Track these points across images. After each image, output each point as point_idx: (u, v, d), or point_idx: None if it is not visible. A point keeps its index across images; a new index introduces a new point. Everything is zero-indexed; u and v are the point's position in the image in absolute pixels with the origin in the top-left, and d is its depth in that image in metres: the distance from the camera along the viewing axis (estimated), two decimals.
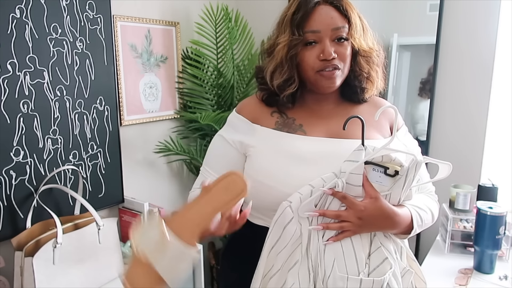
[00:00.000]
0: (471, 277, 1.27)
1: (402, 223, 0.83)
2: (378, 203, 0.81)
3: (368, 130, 0.88)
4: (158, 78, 1.91)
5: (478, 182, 1.55)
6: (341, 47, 0.86)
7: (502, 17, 1.60)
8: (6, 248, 1.37)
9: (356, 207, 0.80)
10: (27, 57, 1.38)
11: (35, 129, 1.43)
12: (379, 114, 0.77)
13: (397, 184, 0.82)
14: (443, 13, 1.68)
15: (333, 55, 0.85)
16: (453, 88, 1.73)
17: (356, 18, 0.87)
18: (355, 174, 0.80)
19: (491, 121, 1.67)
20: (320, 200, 0.81)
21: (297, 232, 0.81)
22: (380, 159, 0.80)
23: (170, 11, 1.91)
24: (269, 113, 0.94)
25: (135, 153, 1.86)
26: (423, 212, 0.89)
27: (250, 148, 0.91)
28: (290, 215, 0.80)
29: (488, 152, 1.69)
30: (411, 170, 0.80)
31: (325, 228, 0.81)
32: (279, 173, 0.85)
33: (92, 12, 1.55)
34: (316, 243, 0.81)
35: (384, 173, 0.81)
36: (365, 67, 0.90)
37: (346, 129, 0.82)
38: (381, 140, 0.91)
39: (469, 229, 1.42)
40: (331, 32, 0.85)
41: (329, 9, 0.86)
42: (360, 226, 0.81)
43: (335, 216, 0.80)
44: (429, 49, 1.75)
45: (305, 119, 0.92)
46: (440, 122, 1.77)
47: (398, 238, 0.88)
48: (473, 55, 1.66)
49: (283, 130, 0.90)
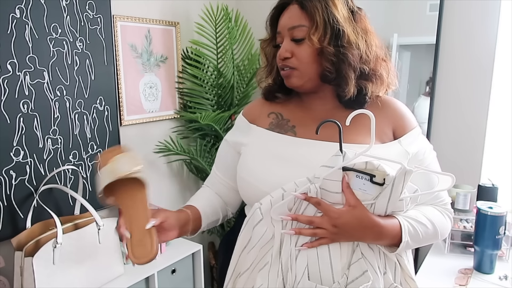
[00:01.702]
0: (471, 277, 1.27)
1: (386, 234, 0.79)
2: (356, 212, 0.77)
3: (364, 135, 0.84)
4: (158, 78, 1.91)
5: (478, 182, 1.55)
6: (298, 47, 0.84)
7: (502, 17, 1.60)
8: (6, 248, 1.37)
9: (331, 214, 0.77)
10: (27, 57, 1.38)
11: (35, 129, 1.43)
12: (350, 119, 0.72)
13: (383, 193, 0.77)
14: (443, 13, 1.68)
15: (285, 55, 0.85)
16: (453, 88, 1.73)
17: (319, 16, 0.82)
18: (331, 180, 0.76)
19: (491, 121, 1.67)
20: (295, 204, 0.79)
21: (267, 234, 0.80)
22: (363, 166, 0.76)
23: (170, 11, 1.91)
24: (267, 114, 0.95)
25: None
26: (420, 225, 0.83)
27: (243, 147, 0.93)
28: (259, 217, 0.80)
29: (488, 152, 1.69)
30: (399, 179, 0.74)
31: (298, 233, 0.78)
32: (260, 171, 0.85)
33: (92, 12, 1.55)
34: (289, 247, 0.79)
35: (370, 180, 0.77)
36: (329, 67, 0.84)
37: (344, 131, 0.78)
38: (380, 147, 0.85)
39: (469, 229, 1.42)
40: (287, 32, 0.85)
41: (295, 8, 0.85)
42: (336, 234, 0.77)
43: (308, 222, 0.78)
44: (429, 49, 1.75)
45: (300, 120, 0.91)
46: (440, 122, 1.77)
47: (388, 251, 0.82)
48: (473, 55, 1.66)
49: (275, 131, 0.90)
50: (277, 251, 0.80)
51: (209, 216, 0.97)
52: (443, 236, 0.90)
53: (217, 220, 1.00)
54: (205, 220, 0.95)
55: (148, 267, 1.66)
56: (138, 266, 0.82)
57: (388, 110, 0.90)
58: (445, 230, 0.90)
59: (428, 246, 1.54)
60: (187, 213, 0.91)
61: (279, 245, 0.80)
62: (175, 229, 0.86)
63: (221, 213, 1.01)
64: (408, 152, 0.86)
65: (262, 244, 0.81)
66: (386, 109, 0.90)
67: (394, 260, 0.83)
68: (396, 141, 0.86)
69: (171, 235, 0.86)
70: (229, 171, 0.98)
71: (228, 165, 0.98)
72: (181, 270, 1.76)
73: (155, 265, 1.67)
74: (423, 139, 0.91)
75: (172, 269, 1.72)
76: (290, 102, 0.95)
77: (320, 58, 0.84)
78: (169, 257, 1.71)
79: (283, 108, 0.94)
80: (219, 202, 1.01)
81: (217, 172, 1.02)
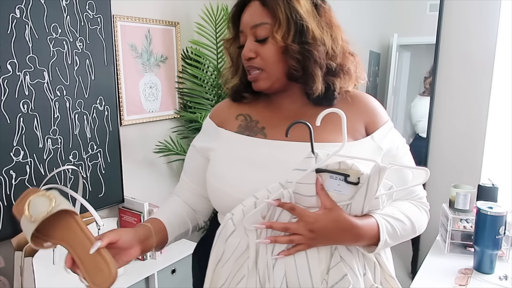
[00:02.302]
0: (471, 277, 1.27)
1: (364, 235, 0.76)
2: (333, 214, 0.74)
3: (336, 133, 0.80)
4: (158, 78, 1.91)
5: (478, 182, 1.55)
6: (262, 46, 0.81)
7: (502, 17, 1.60)
8: (6, 248, 1.37)
9: (307, 219, 0.73)
10: (27, 57, 1.38)
11: (35, 129, 1.43)
12: (320, 119, 0.69)
13: (359, 193, 0.74)
14: (443, 13, 1.68)
15: (249, 55, 0.81)
16: (453, 88, 1.73)
17: (281, 13, 0.78)
18: (305, 184, 0.73)
19: (491, 121, 1.67)
20: (269, 211, 0.75)
21: (241, 245, 0.77)
22: (337, 166, 0.73)
23: (170, 11, 1.91)
24: (235, 116, 0.91)
25: (135, 153, 1.86)
26: (397, 222, 0.81)
27: (211, 152, 0.89)
28: (232, 228, 0.77)
29: (488, 152, 1.69)
30: (373, 177, 0.72)
31: (273, 241, 0.74)
32: (232, 177, 0.81)
33: (92, 12, 1.55)
34: (265, 257, 0.75)
35: (345, 180, 0.74)
36: (295, 65, 0.80)
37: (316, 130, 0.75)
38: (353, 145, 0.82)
39: (469, 229, 1.42)
40: (250, 30, 0.81)
41: (256, 5, 0.81)
42: (313, 239, 0.74)
43: (283, 229, 0.74)
44: (429, 49, 1.75)
45: (269, 120, 0.87)
46: (440, 122, 1.77)
47: (367, 251, 0.80)
48: (473, 55, 1.66)
49: (244, 134, 0.86)
50: (253, 262, 0.76)
51: (175, 228, 0.91)
52: (421, 231, 0.88)
53: (186, 231, 0.95)
54: (172, 232, 0.89)
55: (148, 267, 1.66)
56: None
57: (359, 105, 0.87)
58: (422, 224, 0.88)
59: (428, 246, 1.54)
60: (147, 226, 0.85)
61: (254, 256, 0.76)
62: (135, 246, 0.80)
63: (191, 223, 0.95)
64: (381, 148, 0.84)
65: (236, 256, 0.77)
66: (357, 104, 0.87)
67: (373, 260, 0.81)
68: (369, 137, 0.84)
69: (132, 253, 0.80)
70: (198, 178, 0.93)
71: (197, 172, 0.93)
72: (181, 270, 1.76)
73: (155, 265, 1.67)
74: (395, 133, 0.89)
75: (172, 269, 1.72)
76: (258, 102, 0.91)
77: (285, 57, 0.80)
78: (169, 257, 1.71)
79: (251, 109, 0.90)
80: (187, 212, 0.95)
81: (186, 179, 0.96)
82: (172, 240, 0.91)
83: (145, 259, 1.71)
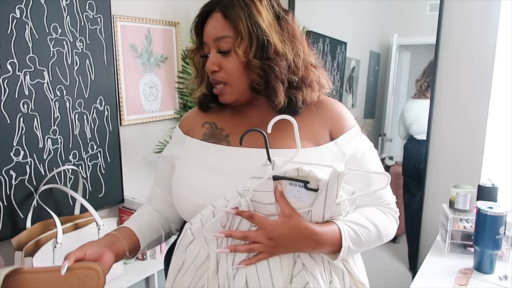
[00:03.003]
0: (471, 277, 1.27)
1: (325, 241, 0.75)
2: (292, 222, 0.73)
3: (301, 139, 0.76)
4: (158, 78, 1.91)
5: (478, 182, 1.55)
6: (225, 59, 0.81)
7: (502, 17, 1.60)
8: (6, 248, 1.37)
9: (265, 227, 0.73)
10: (27, 57, 1.38)
11: (35, 129, 1.43)
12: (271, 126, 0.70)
13: (318, 199, 0.73)
14: (443, 13, 1.68)
15: (212, 68, 0.81)
16: (453, 88, 1.73)
17: (243, 27, 0.78)
18: (263, 192, 0.73)
19: (491, 121, 1.67)
20: (229, 220, 0.75)
21: (201, 254, 0.76)
22: (295, 173, 0.73)
23: (170, 11, 1.91)
24: (201, 124, 0.91)
25: (135, 153, 1.86)
26: (361, 228, 0.80)
27: (176, 160, 0.90)
28: (190, 238, 0.77)
29: (488, 152, 1.69)
30: (332, 183, 0.71)
31: (233, 250, 0.74)
32: (195, 184, 0.81)
33: (92, 12, 1.55)
34: (225, 266, 0.75)
35: (305, 187, 0.73)
36: (257, 79, 0.81)
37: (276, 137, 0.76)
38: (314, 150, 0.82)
39: (469, 229, 1.42)
40: (213, 43, 0.81)
41: (218, 17, 0.80)
42: (273, 247, 0.73)
43: (242, 237, 0.74)
44: (429, 49, 1.75)
45: (233, 128, 0.88)
46: (440, 122, 1.77)
47: (331, 258, 0.79)
48: (473, 55, 1.66)
49: (209, 141, 0.87)
50: (213, 271, 0.76)
51: (147, 235, 0.91)
52: (389, 237, 0.86)
53: (159, 237, 0.95)
54: (143, 239, 0.89)
55: (148, 267, 1.66)
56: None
57: (324, 111, 0.87)
58: (389, 230, 0.86)
59: (428, 246, 1.54)
60: (112, 233, 0.86)
61: (215, 266, 0.76)
62: (105, 253, 0.79)
63: (163, 230, 0.95)
64: (344, 153, 0.83)
65: (196, 266, 0.77)
66: (322, 110, 0.87)
67: (341, 267, 0.80)
68: (332, 142, 0.84)
69: (107, 260, 0.78)
70: (167, 187, 0.92)
71: (166, 180, 0.92)
72: None
73: (155, 265, 1.67)
74: (361, 138, 0.88)
75: None
76: (225, 111, 0.92)
77: (248, 71, 0.81)
78: None
79: (218, 117, 0.91)
80: (158, 219, 0.95)
81: (156, 188, 0.97)
82: (145, 246, 0.91)
83: (145, 259, 1.71)
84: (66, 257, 0.75)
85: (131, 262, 1.66)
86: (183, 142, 0.91)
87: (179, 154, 0.90)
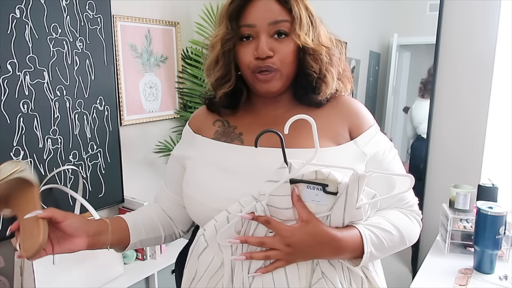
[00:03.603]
0: (471, 277, 1.27)
1: (346, 247, 0.71)
2: (310, 227, 0.69)
3: (320, 138, 0.72)
4: (158, 78, 1.91)
5: (478, 182, 1.55)
6: (280, 44, 0.75)
7: (502, 17, 1.60)
8: (6, 248, 1.37)
9: (283, 233, 0.68)
10: (27, 57, 1.38)
11: (35, 129, 1.43)
12: (288, 127, 0.65)
13: (338, 203, 0.69)
14: (443, 13, 1.68)
15: (268, 53, 0.74)
16: (453, 88, 1.72)
17: (301, 11, 0.75)
18: (279, 196, 0.69)
19: (491, 121, 1.67)
20: (244, 225, 0.71)
21: (215, 262, 0.73)
22: (313, 176, 0.69)
23: (170, 11, 1.91)
24: (212, 122, 0.86)
25: (135, 153, 1.86)
26: (384, 232, 0.75)
27: (187, 160, 0.85)
28: (204, 245, 0.73)
29: (488, 152, 1.69)
30: (352, 187, 0.67)
31: (249, 258, 0.70)
32: (207, 186, 0.77)
33: (92, 12, 1.55)
34: (241, 274, 0.71)
35: (323, 190, 0.69)
36: (314, 66, 0.77)
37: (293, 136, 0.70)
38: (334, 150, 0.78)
39: (469, 229, 1.42)
40: (268, 26, 0.74)
41: (268, 0, 0.75)
42: (291, 254, 0.69)
43: (259, 244, 0.69)
44: (429, 49, 1.75)
45: (247, 126, 0.82)
46: (440, 122, 1.77)
47: (352, 265, 0.74)
48: (473, 55, 1.66)
49: (221, 140, 0.82)
50: (228, 280, 0.72)
51: (142, 231, 0.87)
52: (412, 241, 0.82)
53: (158, 237, 0.91)
54: (136, 235, 0.86)
55: (148, 267, 1.66)
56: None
57: (343, 109, 0.82)
58: (413, 234, 0.82)
59: (428, 246, 1.54)
60: (105, 223, 0.81)
61: (230, 274, 0.72)
62: (80, 236, 0.76)
63: (164, 231, 0.91)
64: (365, 153, 0.78)
65: (210, 274, 0.73)
66: (341, 107, 0.82)
67: (360, 275, 0.76)
68: (352, 142, 0.79)
69: (77, 243, 0.76)
70: (175, 187, 0.89)
71: (174, 180, 0.89)
72: None
73: (155, 265, 1.67)
74: (382, 138, 0.83)
75: (172, 269, 1.72)
76: (237, 108, 0.86)
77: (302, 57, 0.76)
78: (169, 257, 1.71)
79: (230, 114, 0.86)
80: (161, 219, 0.91)
81: (165, 188, 0.93)
82: (137, 243, 0.87)
83: (145, 259, 1.71)
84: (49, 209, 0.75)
85: (131, 262, 1.66)
86: (193, 141, 0.86)
87: (189, 154, 0.85)
